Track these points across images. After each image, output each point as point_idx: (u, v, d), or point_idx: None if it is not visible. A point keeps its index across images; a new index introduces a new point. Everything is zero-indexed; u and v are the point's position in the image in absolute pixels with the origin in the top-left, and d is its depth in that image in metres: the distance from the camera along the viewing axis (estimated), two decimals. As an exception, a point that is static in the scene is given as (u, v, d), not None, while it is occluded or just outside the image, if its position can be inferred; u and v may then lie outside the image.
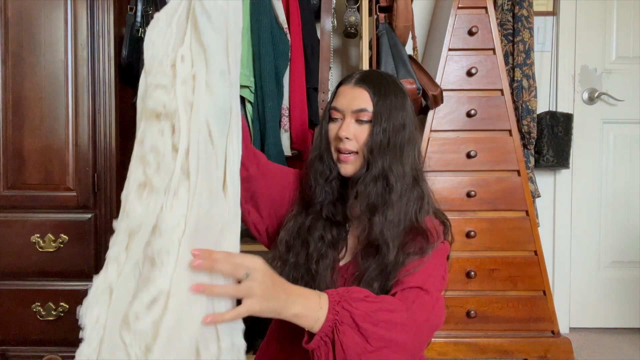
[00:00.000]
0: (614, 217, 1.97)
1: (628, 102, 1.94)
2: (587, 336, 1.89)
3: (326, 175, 0.87)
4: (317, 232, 0.87)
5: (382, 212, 0.81)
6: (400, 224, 0.82)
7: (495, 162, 1.55)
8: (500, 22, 1.76)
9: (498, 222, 1.55)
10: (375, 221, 0.81)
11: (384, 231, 0.80)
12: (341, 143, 0.85)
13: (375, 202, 0.82)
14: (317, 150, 0.89)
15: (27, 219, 1.39)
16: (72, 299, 1.39)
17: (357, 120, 0.85)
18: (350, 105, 0.85)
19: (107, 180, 1.40)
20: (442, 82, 1.56)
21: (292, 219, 0.90)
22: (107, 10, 1.39)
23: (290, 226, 0.89)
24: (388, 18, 1.52)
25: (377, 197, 0.82)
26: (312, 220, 0.88)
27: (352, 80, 0.88)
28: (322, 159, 0.88)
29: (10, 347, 1.40)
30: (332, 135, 0.87)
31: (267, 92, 1.33)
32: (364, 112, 0.84)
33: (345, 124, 0.85)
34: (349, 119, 0.85)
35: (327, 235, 0.87)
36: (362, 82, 0.86)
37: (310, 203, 0.89)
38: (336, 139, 0.86)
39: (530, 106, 1.71)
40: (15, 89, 1.37)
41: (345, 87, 0.88)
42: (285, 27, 1.40)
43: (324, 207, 0.88)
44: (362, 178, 0.83)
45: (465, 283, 1.55)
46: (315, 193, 0.87)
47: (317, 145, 0.89)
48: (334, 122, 0.87)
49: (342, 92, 0.88)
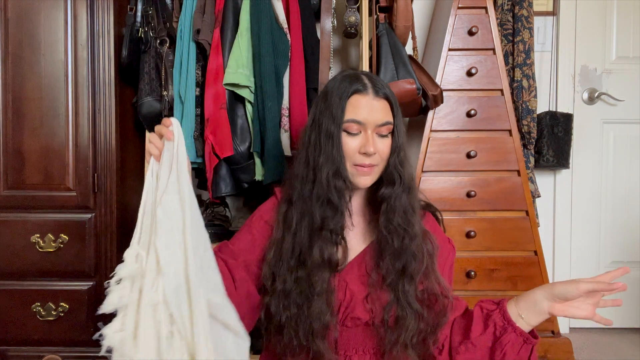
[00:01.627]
0: (614, 217, 1.97)
1: (628, 102, 1.94)
2: (587, 336, 1.89)
3: (345, 194, 0.84)
4: (326, 255, 0.82)
5: (414, 221, 0.85)
6: (419, 224, 0.87)
7: (495, 162, 1.55)
8: (500, 22, 1.76)
9: (498, 222, 1.55)
10: (411, 232, 0.84)
11: (419, 240, 0.85)
12: (367, 159, 0.83)
13: (407, 213, 0.85)
14: (335, 166, 0.83)
15: (27, 219, 1.39)
16: (72, 299, 1.39)
17: (379, 133, 0.84)
18: (374, 119, 0.83)
19: (107, 180, 1.40)
20: (442, 82, 1.56)
21: (272, 249, 0.85)
22: (107, 10, 1.39)
23: (270, 257, 0.85)
24: (388, 18, 1.52)
25: (408, 207, 0.85)
26: (320, 245, 0.83)
27: (369, 90, 0.84)
28: (342, 176, 0.83)
29: (10, 347, 1.40)
30: (351, 148, 0.83)
31: (267, 92, 1.33)
32: (388, 125, 0.84)
33: (370, 138, 0.82)
34: (371, 132, 0.83)
35: (334, 257, 0.83)
36: (381, 92, 0.84)
37: (320, 227, 0.83)
38: (359, 154, 0.83)
39: (530, 106, 1.71)
40: (15, 89, 1.37)
41: (363, 97, 0.83)
42: (285, 27, 1.40)
43: (335, 230, 0.83)
44: (394, 193, 0.85)
45: (465, 283, 1.55)
46: (333, 216, 0.83)
47: (335, 160, 0.82)
48: (352, 135, 0.83)
49: (359, 104, 0.83)
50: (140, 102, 1.44)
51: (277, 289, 0.82)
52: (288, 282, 0.82)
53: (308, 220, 0.83)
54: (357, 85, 0.84)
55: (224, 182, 1.40)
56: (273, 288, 0.83)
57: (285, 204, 0.88)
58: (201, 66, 1.42)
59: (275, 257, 0.84)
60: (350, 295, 0.85)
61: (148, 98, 1.44)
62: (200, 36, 1.38)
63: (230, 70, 1.35)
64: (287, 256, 0.83)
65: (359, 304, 0.85)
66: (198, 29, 1.39)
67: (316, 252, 0.82)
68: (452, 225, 1.53)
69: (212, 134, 1.35)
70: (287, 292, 0.82)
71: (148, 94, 1.44)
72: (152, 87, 1.45)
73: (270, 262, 0.85)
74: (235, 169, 1.39)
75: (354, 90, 0.83)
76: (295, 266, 0.83)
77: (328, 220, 0.83)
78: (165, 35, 1.45)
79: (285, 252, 0.84)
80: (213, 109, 1.35)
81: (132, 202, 1.54)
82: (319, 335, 0.80)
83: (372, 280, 0.84)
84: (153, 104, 1.44)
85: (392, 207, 0.84)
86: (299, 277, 0.82)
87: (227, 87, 1.36)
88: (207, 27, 1.39)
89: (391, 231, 0.84)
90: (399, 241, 0.83)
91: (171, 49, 1.45)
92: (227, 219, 1.67)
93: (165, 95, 1.43)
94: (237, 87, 1.36)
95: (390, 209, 0.84)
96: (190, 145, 1.41)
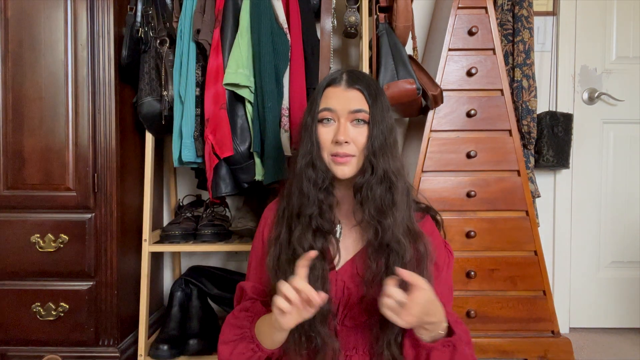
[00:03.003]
0: (614, 217, 1.97)
1: (628, 102, 1.94)
2: (587, 336, 1.89)
3: (319, 183, 0.84)
4: (306, 244, 0.83)
5: (391, 214, 0.82)
6: (404, 221, 0.84)
7: (495, 162, 1.55)
8: (500, 22, 1.76)
9: (498, 222, 1.55)
10: (387, 224, 0.82)
11: (396, 232, 0.82)
12: (339, 147, 0.82)
13: (383, 205, 0.82)
14: (308, 157, 0.84)
15: (27, 219, 1.39)
16: (72, 299, 1.39)
17: (353, 122, 0.83)
18: (346, 107, 0.83)
19: (107, 180, 1.40)
20: (442, 82, 1.56)
21: (273, 245, 0.87)
22: (107, 10, 1.39)
23: (272, 252, 0.87)
24: (388, 18, 1.52)
25: (384, 199, 0.83)
26: (300, 232, 0.84)
27: (342, 82, 0.85)
28: (314, 166, 0.84)
29: (10, 347, 1.40)
30: (325, 139, 0.84)
31: (267, 92, 1.33)
32: (362, 112, 0.83)
33: (342, 126, 0.82)
34: (345, 121, 0.83)
35: (317, 245, 0.84)
36: (355, 84, 0.85)
37: (298, 215, 0.85)
38: (332, 143, 0.83)
39: (530, 106, 1.71)
40: (15, 88, 1.37)
41: (335, 88, 0.85)
42: (285, 27, 1.40)
43: (313, 217, 0.84)
44: (366, 182, 0.83)
45: (465, 283, 1.55)
46: (306, 204, 0.84)
47: (308, 150, 0.84)
48: (326, 125, 0.84)
49: (332, 94, 0.85)
50: (140, 102, 1.44)
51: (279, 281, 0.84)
52: (288, 273, 0.83)
53: (292, 211, 0.86)
54: (331, 77, 0.87)
55: (224, 182, 1.40)
56: (276, 279, 0.84)
57: (282, 200, 0.91)
58: (201, 66, 1.42)
59: (275, 251, 0.86)
60: (348, 294, 0.86)
61: (148, 98, 1.44)
62: (200, 36, 1.39)
63: (230, 70, 1.35)
64: (285, 248, 0.85)
65: (357, 304, 0.85)
66: (198, 29, 1.39)
67: (295, 240, 0.83)
68: (452, 225, 1.53)
69: (212, 134, 1.35)
70: None
71: (148, 94, 1.44)
72: (152, 87, 1.45)
73: (272, 256, 0.86)
74: (235, 169, 1.39)
75: (327, 83, 0.87)
76: (292, 258, 0.83)
77: (303, 207, 0.84)
78: (165, 35, 1.45)
79: (283, 244, 0.86)
80: (213, 109, 1.35)
81: (132, 202, 1.54)
82: (319, 321, 0.81)
83: (366, 280, 0.84)
84: (153, 104, 1.44)
85: (365, 197, 0.83)
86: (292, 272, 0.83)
87: (227, 87, 1.36)
88: (207, 27, 1.39)
89: (366, 222, 0.83)
90: (374, 233, 0.83)
91: (171, 49, 1.45)
92: (227, 219, 1.67)
93: (165, 95, 1.43)
94: (237, 87, 1.36)
95: (363, 199, 0.83)
96: (190, 145, 1.41)
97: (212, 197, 1.41)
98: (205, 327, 1.54)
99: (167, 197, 1.88)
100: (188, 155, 1.41)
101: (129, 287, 1.51)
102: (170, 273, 1.91)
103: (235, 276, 1.71)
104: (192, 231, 1.56)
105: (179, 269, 1.89)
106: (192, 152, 1.41)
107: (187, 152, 1.41)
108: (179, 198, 1.85)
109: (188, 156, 1.41)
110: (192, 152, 1.41)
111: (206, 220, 1.57)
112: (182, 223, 1.58)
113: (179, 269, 1.89)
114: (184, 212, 1.66)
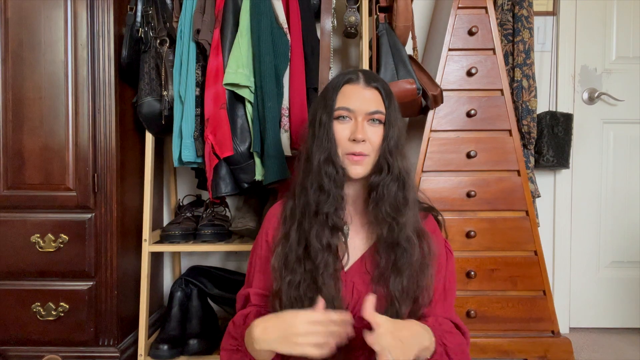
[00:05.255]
0: (614, 217, 1.97)
1: (628, 102, 1.94)
2: (587, 336, 1.89)
3: (337, 180, 0.84)
4: (324, 240, 0.83)
5: (404, 212, 0.84)
6: (413, 220, 0.86)
7: (495, 162, 1.55)
8: (500, 22, 1.76)
9: (498, 222, 1.55)
10: (400, 222, 0.83)
11: (407, 230, 0.84)
12: (356, 146, 0.83)
13: (398, 203, 0.84)
14: (326, 153, 0.84)
15: (27, 219, 1.39)
16: (72, 299, 1.39)
17: (369, 121, 0.84)
18: (364, 107, 0.84)
19: (107, 180, 1.40)
20: (442, 82, 1.56)
21: (280, 244, 0.87)
22: (107, 10, 1.39)
23: (279, 251, 0.86)
24: (388, 18, 1.52)
25: (398, 198, 0.84)
26: (318, 229, 0.84)
27: (361, 80, 0.86)
28: (332, 162, 0.84)
29: (10, 347, 1.40)
30: (342, 137, 0.84)
31: (267, 92, 1.33)
32: (379, 113, 0.85)
33: (359, 125, 0.83)
34: (362, 120, 0.84)
35: (333, 242, 0.84)
36: (372, 82, 0.86)
37: (316, 212, 0.84)
38: (349, 141, 0.84)
39: (530, 106, 1.71)
40: (15, 88, 1.37)
41: (353, 87, 0.86)
42: (285, 27, 1.40)
43: (330, 215, 0.84)
44: (383, 181, 0.84)
45: (465, 283, 1.55)
46: (325, 200, 0.83)
47: (325, 147, 0.84)
48: (342, 122, 0.85)
49: (351, 92, 0.86)
50: (140, 102, 1.44)
51: (286, 280, 0.83)
52: (297, 272, 0.83)
53: (307, 208, 0.85)
54: (348, 76, 0.87)
55: (224, 182, 1.40)
56: (282, 278, 0.84)
57: (291, 198, 0.90)
58: (201, 66, 1.42)
59: (283, 250, 0.86)
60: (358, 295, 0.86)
61: (148, 98, 1.44)
62: (200, 36, 1.39)
63: (230, 70, 1.35)
64: (295, 246, 0.85)
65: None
66: (198, 29, 1.39)
67: (314, 236, 0.83)
68: (452, 225, 1.53)
69: (212, 134, 1.35)
70: (297, 284, 0.83)
71: (148, 94, 1.44)
72: (152, 87, 1.45)
73: (280, 255, 0.86)
74: (235, 169, 1.39)
75: (345, 81, 0.87)
76: (303, 256, 0.84)
77: (322, 204, 0.84)
78: (165, 35, 1.45)
79: (293, 242, 0.85)
80: (213, 109, 1.35)
81: (132, 202, 1.54)
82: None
83: (374, 278, 0.85)
84: (153, 103, 1.44)
85: (380, 195, 0.84)
86: (306, 267, 0.83)
87: (227, 87, 1.36)
88: (207, 27, 1.39)
89: (380, 220, 0.84)
90: (388, 230, 0.84)
91: (171, 49, 1.45)
92: (227, 219, 1.67)
93: (165, 95, 1.43)
94: (237, 87, 1.36)
95: (379, 197, 0.84)
96: (190, 145, 1.41)
97: (212, 197, 1.41)
98: (205, 327, 1.54)
99: (167, 197, 1.88)
100: (188, 155, 1.41)
101: (129, 287, 1.51)
102: (170, 273, 1.91)
103: (235, 276, 1.71)
104: (192, 231, 1.56)
105: (179, 269, 1.89)
106: (192, 152, 1.41)
107: (187, 152, 1.41)
108: (179, 198, 1.85)
109: (188, 156, 1.41)
110: (192, 152, 1.41)
111: (206, 220, 1.58)
112: (182, 223, 1.58)
113: (179, 269, 1.89)
114: (184, 212, 1.66)
